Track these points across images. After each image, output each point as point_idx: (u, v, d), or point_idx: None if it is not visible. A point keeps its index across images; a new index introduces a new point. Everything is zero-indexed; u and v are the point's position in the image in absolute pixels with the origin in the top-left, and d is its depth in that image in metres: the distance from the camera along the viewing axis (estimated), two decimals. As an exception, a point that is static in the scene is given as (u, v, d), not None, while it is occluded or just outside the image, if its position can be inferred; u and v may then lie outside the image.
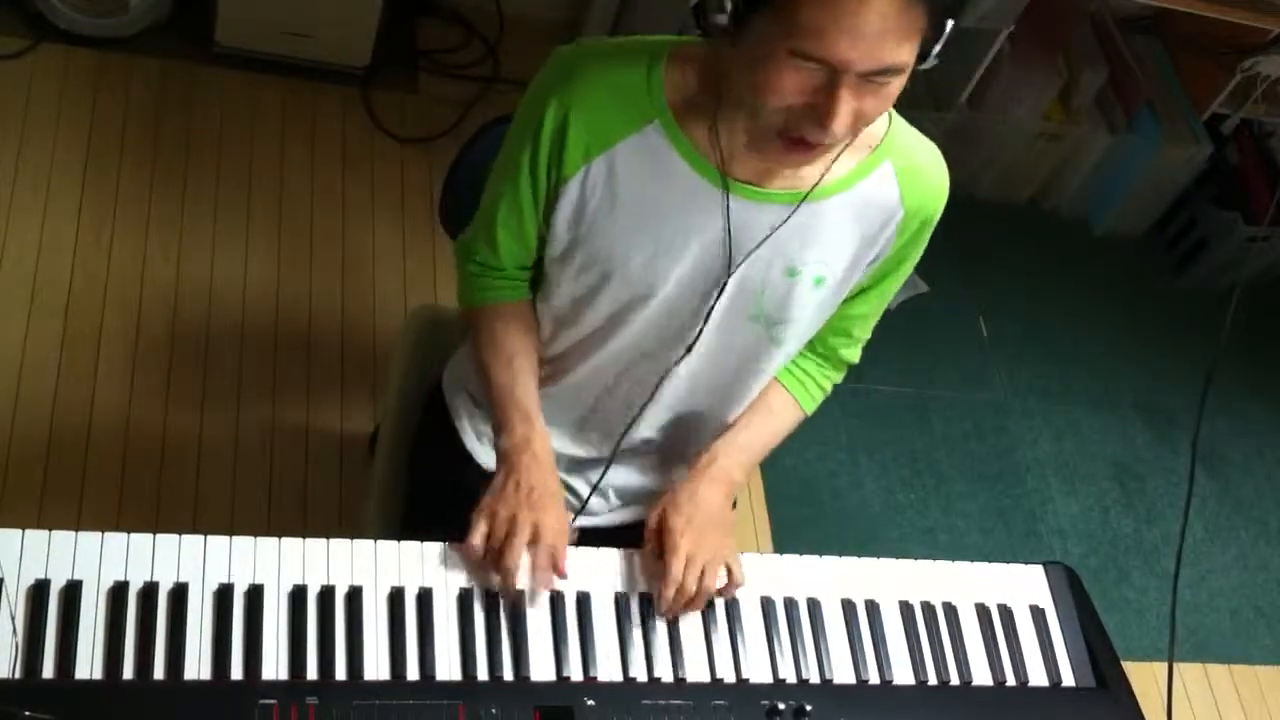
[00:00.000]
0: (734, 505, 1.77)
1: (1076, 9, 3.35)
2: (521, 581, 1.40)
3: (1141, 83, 3.34)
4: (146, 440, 2.39)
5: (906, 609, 1.51)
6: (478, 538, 1.39)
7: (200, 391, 2.49)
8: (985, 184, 3.45)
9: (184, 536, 1.33)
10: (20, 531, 1.29)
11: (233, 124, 2.89)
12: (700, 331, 1.48)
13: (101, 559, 1.29)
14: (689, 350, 1.50)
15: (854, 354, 1.64)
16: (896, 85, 1.22)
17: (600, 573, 1.45)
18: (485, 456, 1.69)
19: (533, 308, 1.58)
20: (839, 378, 1.67)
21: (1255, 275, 3.62)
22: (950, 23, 1.21)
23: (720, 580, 1.45)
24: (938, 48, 1.22)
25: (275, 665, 1.28)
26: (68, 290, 2.53)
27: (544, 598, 1.40)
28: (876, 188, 1.42)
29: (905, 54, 1.18)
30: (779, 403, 1.62)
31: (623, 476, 1.70)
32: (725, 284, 1.44)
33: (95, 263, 2.58)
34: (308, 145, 2.91)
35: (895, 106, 1.31)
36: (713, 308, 1.46)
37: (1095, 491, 3.05)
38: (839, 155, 1.37)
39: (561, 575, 1.41)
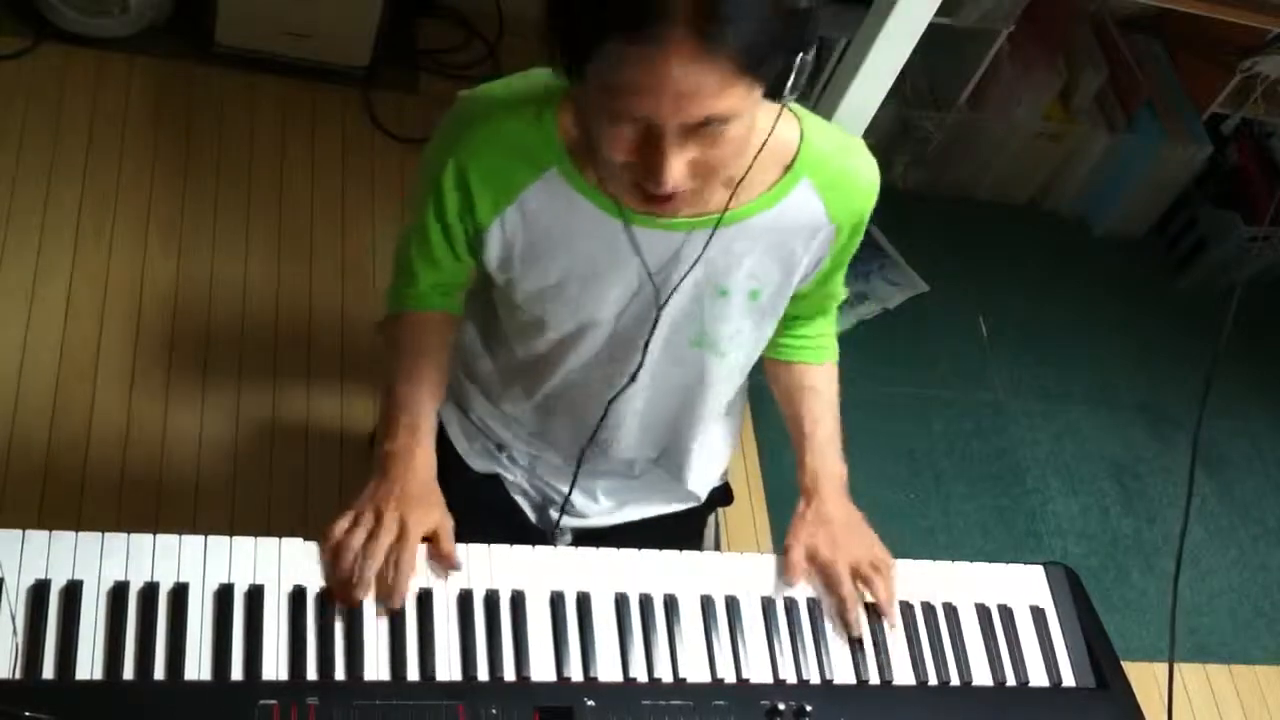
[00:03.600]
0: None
1: (1076, 9, 3.35)
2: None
3: (1141, 83, 3.34)
4: (146, 440, 2.39)
5: (906, 609, 1.51)
6: (337, 528, 1.37)
7: (200, 391, 2.49)
8: (985, 184, 3.45)
9: (184, 536, 1.33)
10: (20, 531, 1.28)
11: (233, 124, 2.89)
12: (640, 364, 1.49)
13: (101, 559, 1.29)
14: (633, 379, 1.51)
15: (836, 300, 1.63)
16: (736, 129, 1.15)
17: (600, 573, 1.45)
18: (476, 462, 1.71)
19: (450, 321, 1.58)
20: (832, 318, 1.68)
21: (1255, 275, 3.62)
22: (800, 56, 1.14)
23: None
24: (791, 81, 1.16)
25: (275, 665, 1.28)
26: (68, 290, 2.53)
27: (544, 599, 1.40)
28: (798, 206, 1.39)
29: (726, 103, 1.10)
30: (821, 379, 1.64)
31: (609, 479, 1.72)
32: (657, 319, 1.44)
33: (95, 262, 2.58)
34: (308, 145, 2.91)
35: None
36: (648, 342, 1.46)
37: (1095, 491, 3.05)
38: (742, 179, 1.32)
39: (454, 566, 1.38)
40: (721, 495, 1.82)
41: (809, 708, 1.37)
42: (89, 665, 1.23)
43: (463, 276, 1.53)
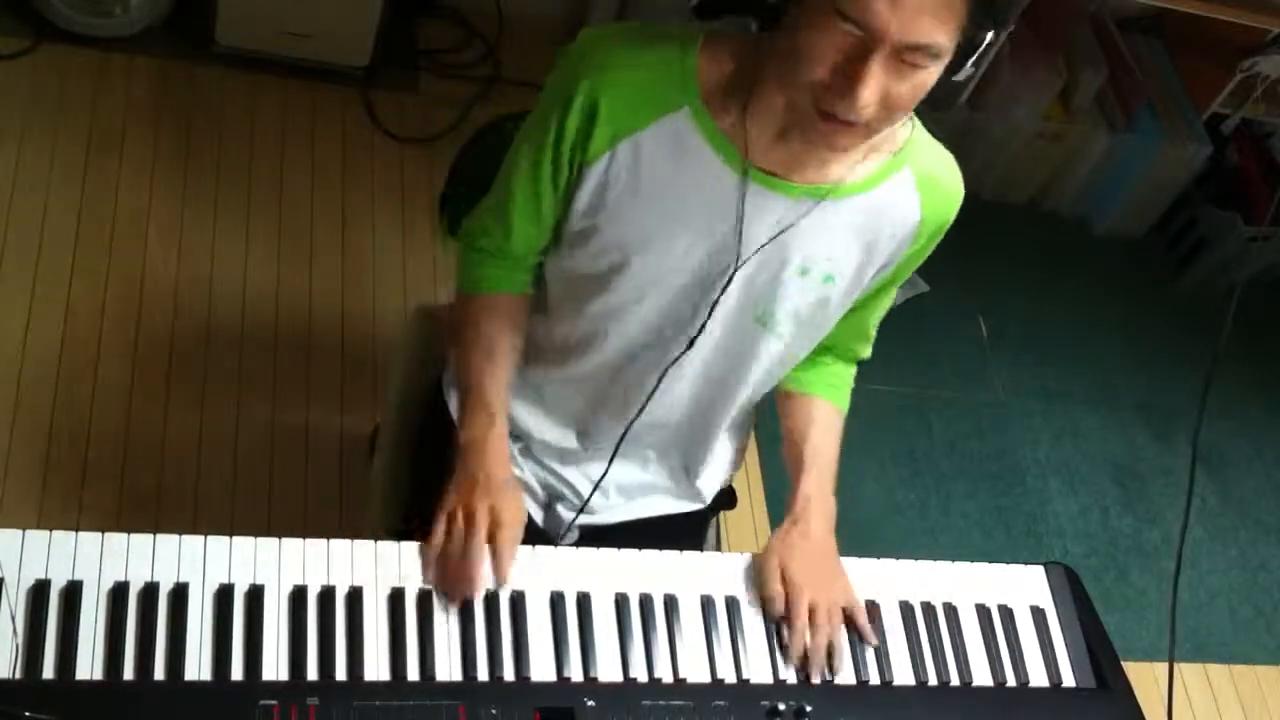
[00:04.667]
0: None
1: (1076, 9, 3.35)
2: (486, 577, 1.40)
3: (1141, 83, 3.34)
4: (146, 440, 2.39)
5: (906, 609, 1.51)
6: (439, 536, 1.40)
7: (200, 391, 2.49)
8: (985, 184, 3.45)
9: (184, 536, 1.33)
10: (20, 531, 1.29)
11: (233, 124, 2.89)
12: (703, 326, 1.49)
13: (101, 559, 1.29)
14: (691, 344, 1.50)
15: (867, 348, 1.68)
16: (928, 74, 1.23)
17: (600, 573, 1.45)
18: None
19: (527, 305, 1.58)
20: (854, 370, 1.71)
21: (1255, 275, 3.62)
22: (990, 34, 1.23)
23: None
24: (976, 54, 1.24)
25: (275, 666, 1.28)
26: (68, 290, 2.53)
27: (544, 599, 1.40)
28: (895, 193, 1.43)
29: (942, 36, 1.19)
30: (827, 416, 1.64)
31: (622, 472, 1.70)
32: (732, 276, 1.44)
33: (95, 262, 2.58)
34: (308, 145, 2.91)
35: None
36: (717, 301, 1.46)
37: (1095, 491, 3.05)
38: (865, 156, 1.38)
39: (501, 577, 1.41)
40: (726, 498, 1.82)
41: (809, 708, 1.37)
42: (89, 665, 1.23)
43: (548, 235, 1.51)
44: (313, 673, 1.28)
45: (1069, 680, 1.52)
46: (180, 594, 1.29)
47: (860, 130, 1.27)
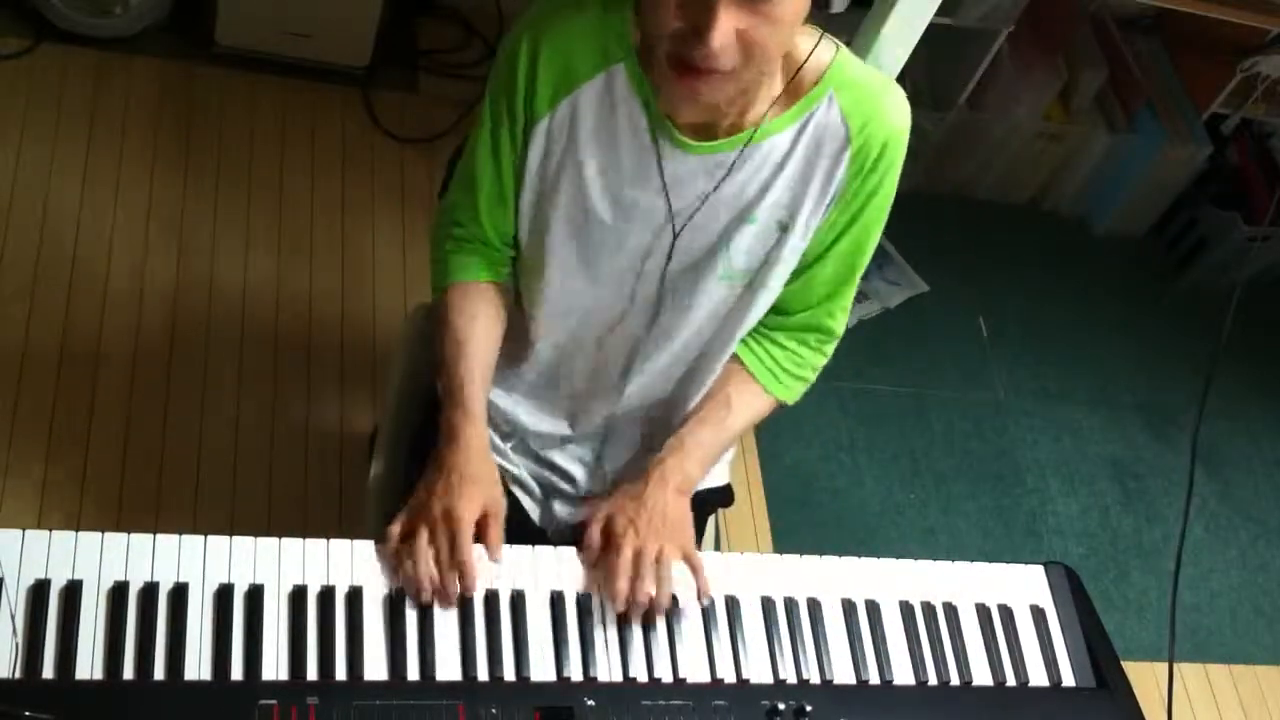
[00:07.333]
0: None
1: (1076, 9, 3.35)
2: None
3: (1141, 83, 3.34)
4: (146, 440, 2.39)
5: (906, 609, 1.51)
6: (393, 530, 1.39)
7: (200, 391, 2.49)
8: (985, 184, 3.45)
9: (184, 536, 1.33)
10: (20, 531, 1.29)
11: (233, 124, 2.89)
12: (658, 294, 1.48)
13: (101, 559, 1.29)
14: (656, 317, 1.50)
15: (835, 321, 1.58)
16: (785, 10, 1.21)
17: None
18: None
19: (502, 293, 1.57)
20: (821, 357, 1.61)
21: (1255, 275, 3.62)
22: None
23: (681, 574, 1.43)
24: None
25: (275, 665, 1.28)
26: (68, 290, 2.53)
27: (544, 599, 1.40)
28: (821, 120, 1.40)
29: None
30: (747, 399, 1.58)
31: (616, 452, 1.69)
32: (674, 245, 1.44)
33: (95, 262, 2.58)
34: (308, 145, 2.91)
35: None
36: (666, 269, 1.46)
37: (1095, 491, 3.05)
38: (782, 92, 1.36)
39: (494, 559, 1.40)
40: (722, 496, 1.81)
41: (809, 708, 1.37)
42: (89, 665, 1.23)
43: (513, 218, 1.50)
44: (312, 673, 1.28)
45: (1069, 680, 1.52)
46: (180, 594, 1.29)
47: (728, 78, 1.26)
